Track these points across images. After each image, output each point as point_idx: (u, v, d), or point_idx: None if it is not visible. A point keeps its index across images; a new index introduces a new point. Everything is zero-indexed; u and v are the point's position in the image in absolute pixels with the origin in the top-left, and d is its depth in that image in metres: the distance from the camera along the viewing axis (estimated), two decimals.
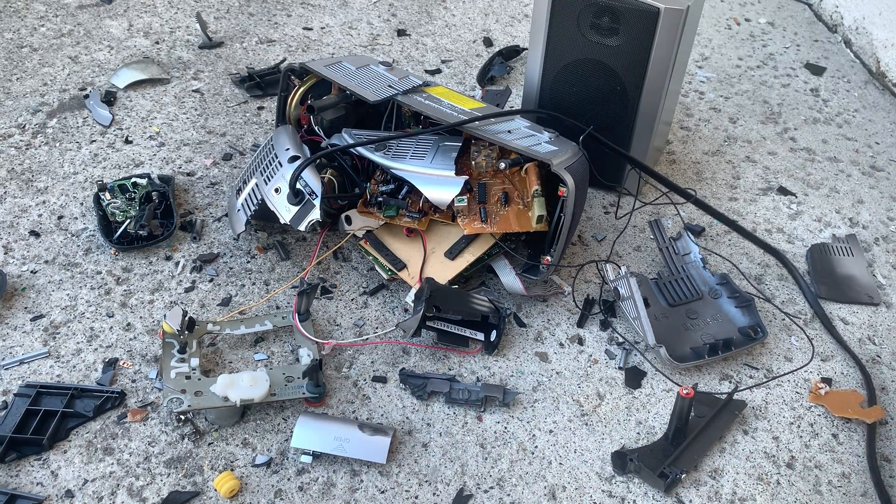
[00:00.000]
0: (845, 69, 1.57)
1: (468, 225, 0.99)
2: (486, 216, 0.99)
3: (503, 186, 1.02)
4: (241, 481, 0.82)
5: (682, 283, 1.04)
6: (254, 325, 0.95)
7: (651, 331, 0.94)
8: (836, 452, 0.89)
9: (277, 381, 0.88)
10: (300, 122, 1.11)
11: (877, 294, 1.08)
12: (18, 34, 1.45)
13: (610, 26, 1.04)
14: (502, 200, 1.00)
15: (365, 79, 1.08)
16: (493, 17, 1.64)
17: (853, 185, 1.28)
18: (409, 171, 0.98)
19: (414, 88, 1.07)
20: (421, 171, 0.98)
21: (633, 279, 0.96)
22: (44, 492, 0.80)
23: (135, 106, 1.31)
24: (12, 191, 1.13)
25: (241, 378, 0.86)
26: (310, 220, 0.96)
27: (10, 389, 0.88)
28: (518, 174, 1.02)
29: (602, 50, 1.06)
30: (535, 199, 0.98)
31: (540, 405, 0.92)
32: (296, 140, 1.05)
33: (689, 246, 1.08)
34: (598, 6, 1.03)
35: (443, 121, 0.99)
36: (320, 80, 1.10)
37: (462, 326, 0.96)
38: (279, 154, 1.02)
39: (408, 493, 0.83)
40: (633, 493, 0.84)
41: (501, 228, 0.99)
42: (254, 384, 0.85)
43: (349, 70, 1.09)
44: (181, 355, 0.90)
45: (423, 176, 0.97)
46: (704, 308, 1.01)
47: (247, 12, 1.57)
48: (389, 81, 1.08)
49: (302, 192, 0.97)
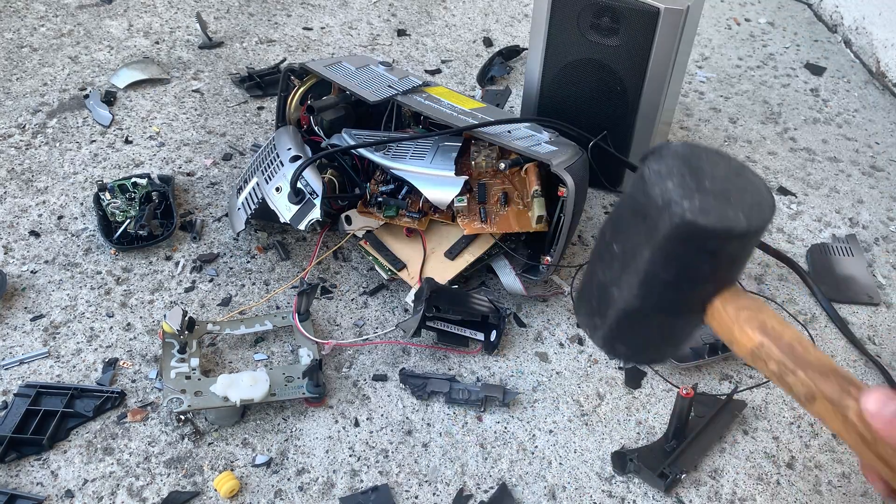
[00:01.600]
0: (845, 69, 1.57)
1: (468, 225, 0.99)
2: (486, 216, 0.99)
3: (503, 186, 1.02)
4: (241, 481, 0.82)
5: None
6: (254, 325, 0.95)
7: None
8: (836, 452, 0.89)
9: (277, 381, 0.88)
10: (300, 123, 1.11)
11: (877, 294, 1.08)
12: (18, 34, 1.45)
13: (610, 26, 1.04)
14: (502, 201, 1.00)
15: (365, 79, 1.08)
16: (493, 17, 1.64)
17: (853, 185, 1.28)
18: (409, 171, 0.98)
19: (414, 88, 1.07)
20: (421, 171, 0.98)
21: None
22: (44, 492, 0.80)
23: (135, 106, 1.31)
24: (12, 191, 1.13)
25: (241, 378, 0.86)
26: (310, 220, 0.96)
27: (10, 389, 0.88)
28: (518, 174, 1.02)
29: (602, 50, 1.06)
30: (535, 200, 0.98)
31: (540, 405, 0.92)
32: (297, 140, 1.05)
33: None
34: (598, 6, 1.03)
35: (447, 123, 0.99)
36: (320, 80, 1.10)
37: (462, 326, 0.96)
38: (280, 153, 1.02)
39: (408, 493, 0.83)
40: (633, 492, 0.84)
41: (501, 229, 0.99)
42: (254, 384, 0.85)
43: (349, 70, 1.09)
44: (181, 355, 0.90)
45: (423, 176, 0.97)
46: None
47: (247, 12, 1.57)
48: (389, 82, 1.08)
49: (303, 191, 0.97)
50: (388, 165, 0.99)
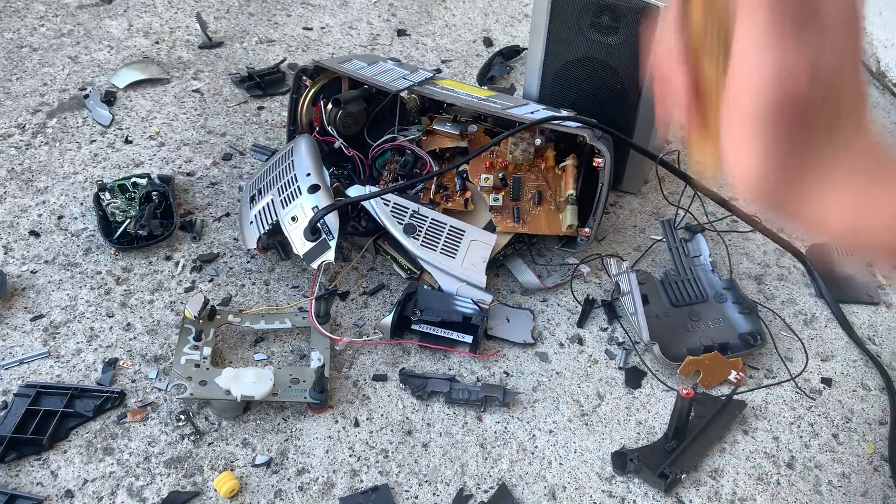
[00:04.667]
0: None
1: (501, 223, 1.00)
2: (519, 215, 0.99)
3: (538, 184, 1.02)
4: (241, 481, 0.82)
5: (689, 284, 1.03)
6: (273, 321, 0.95)
7: (646, 327, 0.94)
8: (836, 452, 0.89)
9: (282, 381, 0.88)
10: (312, 124, 1.11)
11: (877, 293, 1.08)
12: (18, 34, 1.45)
13: (610, 25, 1.04)
14: (535, 199, 1.00)
15: (379, 73, 1.09)
16: (493, 17, 1.64)
17: None
18: (436, 269, 0.97)
19: (427, 80, 1.08)
20: (449, 272, 0.96)
21: (633, 274, 0.96)
22: (44, 492, 0.80)
23: (135, 106, 1.31)
24: (12, 191, 1.13)
25: (247, 374, 0.86)
26: (323, 261, 0.95)
27: (10, 389, 0.88)
28: (553, 171, 1.02)
29: (602, 48, 1.06)
30: (569, 207, 0.98)
31: (540, 405, 0.92)
32: (316, 159, 1.03)
33: (700, 248, 1.08)
34: (599, 4, 1.03)
35: (486, 111, 1.00)
36: (332, 79, 1.10)
37: (446, 329, 0.95)
38: (299, 177, 1.00)
39: (408, 493, 0.82)
40: (633, 493, 0.84)
41: (533, 230, 0.99)
42: (258, 381, 0.85)
43: (361, 66, 1.10)
44: (195, 342, 0.91)
45: (450, 279, 0.96)
46: (707, 311, 1.01)
47: (247, 12, 1.57)
48: (402, 74, 1.09)
49: (320, 230, 0.96)
50: (416, 255, 0.97)
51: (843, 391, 0.96)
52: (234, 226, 1.11)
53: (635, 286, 0.96)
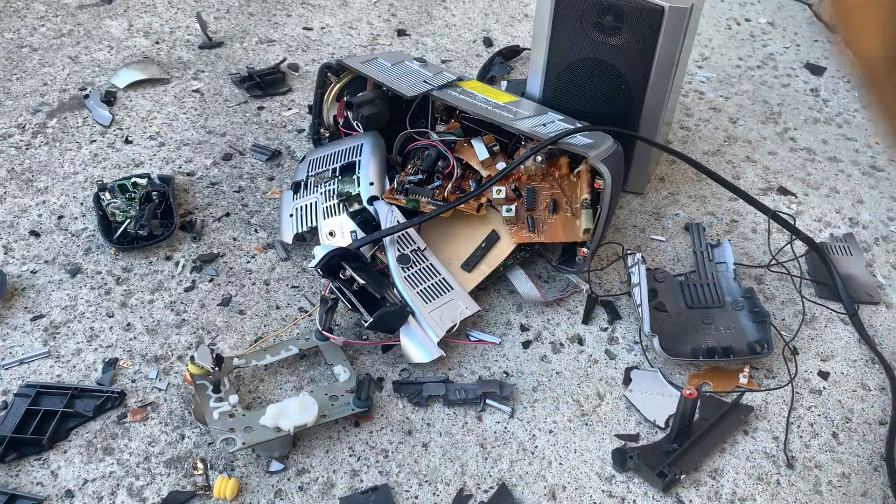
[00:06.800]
0: (845, 69, 1.57)
1: (516, 234, 0.99)
2: (534, 225, 0.99)
3: (552, 192, 1.01)
4: (241, 481, 0.82)
5: (708, 288, 1.04)
6: (279, 352, 0.92)
7: (648, 318, 0.94)
8: (836, 452, 0.89)
9: (322, 401, 0.86)
10: (336, 119, 1.13)
11: (877, 293, 1.08)
12: (18, 34, 1.45)
13: (614, 25, 1.04)
14: (551, 208, 0.99)
15: (400, 74, 1.09)
16: (493, 17, 1.64)
17: (853, 185, 1.28)
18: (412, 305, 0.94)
19: (448, 83, 1.08)
20: (415, 311, 0.93)
21: (643, 266, 0.97)
22: (44, 492, 0.80)
23: (135, 106, 1.31)
24: (12, 191, 1.13)
25: (289, 405, 0.83)
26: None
27: (10, 389, 0.88)
28: (568, 178, 1.02)
29: (606, 49, 1.06)
30: (584, 211, 0.97)
31: (540, 405, 0.92)
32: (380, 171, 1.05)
33: (725, 255, 1.08)
34: (602, 5, 1.03)
35: (493, 121, 1.00)
36: (356, 76, 1.11)
37: (360, 299, 0.92)
38: (362, 181, 1.03)
39: (408, 493, 0.82)
40: (633, 493, 0.84)
41: (549, 238, 0.98)
42: (303, 409, 0.83)
43: (385, 66, 1.11)
44: (217, 394, 0.86)
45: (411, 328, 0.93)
46: (721, 316, 1.01)
47: (247, 12, 1.57)
48: (424, 77, 1.09)
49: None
50: (395, 281, 0.95)
51: (842, 391, 0.96)
52: (234, 226, 1.11)
53: (643, 278, 0.96)
